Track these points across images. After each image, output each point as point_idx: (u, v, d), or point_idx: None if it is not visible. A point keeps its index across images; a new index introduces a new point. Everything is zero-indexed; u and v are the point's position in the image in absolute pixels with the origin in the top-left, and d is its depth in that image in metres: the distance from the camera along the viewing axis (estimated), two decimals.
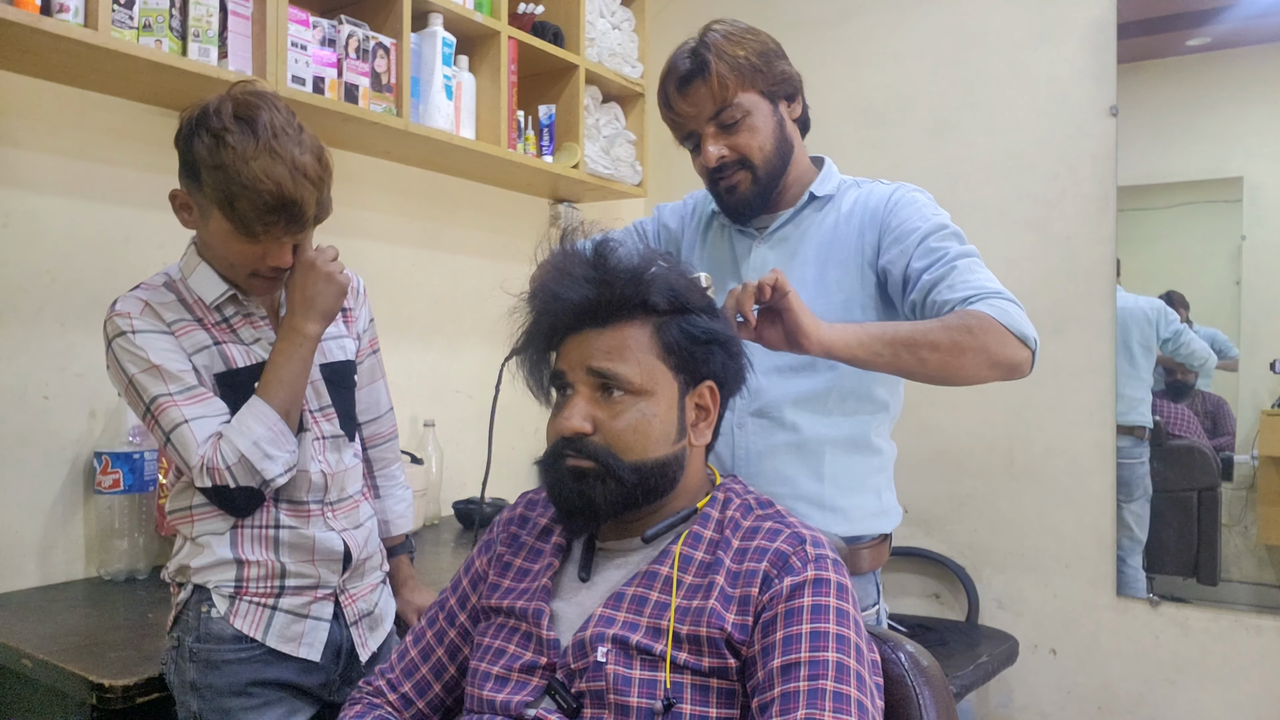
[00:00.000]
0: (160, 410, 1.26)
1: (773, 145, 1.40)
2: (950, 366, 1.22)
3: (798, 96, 1.45)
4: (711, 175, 1.42)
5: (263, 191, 1.17)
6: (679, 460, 1.04)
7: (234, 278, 1.31)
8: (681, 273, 1.08)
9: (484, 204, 2.69)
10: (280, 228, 1.21)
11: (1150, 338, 2.38)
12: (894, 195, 1.42)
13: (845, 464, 1.41)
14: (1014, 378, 1.27)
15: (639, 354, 1.02)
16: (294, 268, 1.32)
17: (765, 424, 1.41)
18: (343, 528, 1.39)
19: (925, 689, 1.03)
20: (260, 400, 1.28)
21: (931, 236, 1.34)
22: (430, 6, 2.16)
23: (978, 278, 1.28)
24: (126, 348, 1.26)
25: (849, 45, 2.75)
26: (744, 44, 1.38)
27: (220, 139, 1.18)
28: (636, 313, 1.03)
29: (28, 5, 1.45)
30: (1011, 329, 1.22)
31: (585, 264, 1.05)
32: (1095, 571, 2.42)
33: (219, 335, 1.32)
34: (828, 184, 1.46)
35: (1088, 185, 2.42)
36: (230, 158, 1.17)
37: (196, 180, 1.22)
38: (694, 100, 1.39)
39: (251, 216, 1.19)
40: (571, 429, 1.01)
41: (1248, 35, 2.29)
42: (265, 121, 1.19)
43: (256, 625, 1.30)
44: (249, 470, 1.25)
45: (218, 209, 1.21)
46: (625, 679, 0.95)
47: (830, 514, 1.40)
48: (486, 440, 1.20)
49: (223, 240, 1.25)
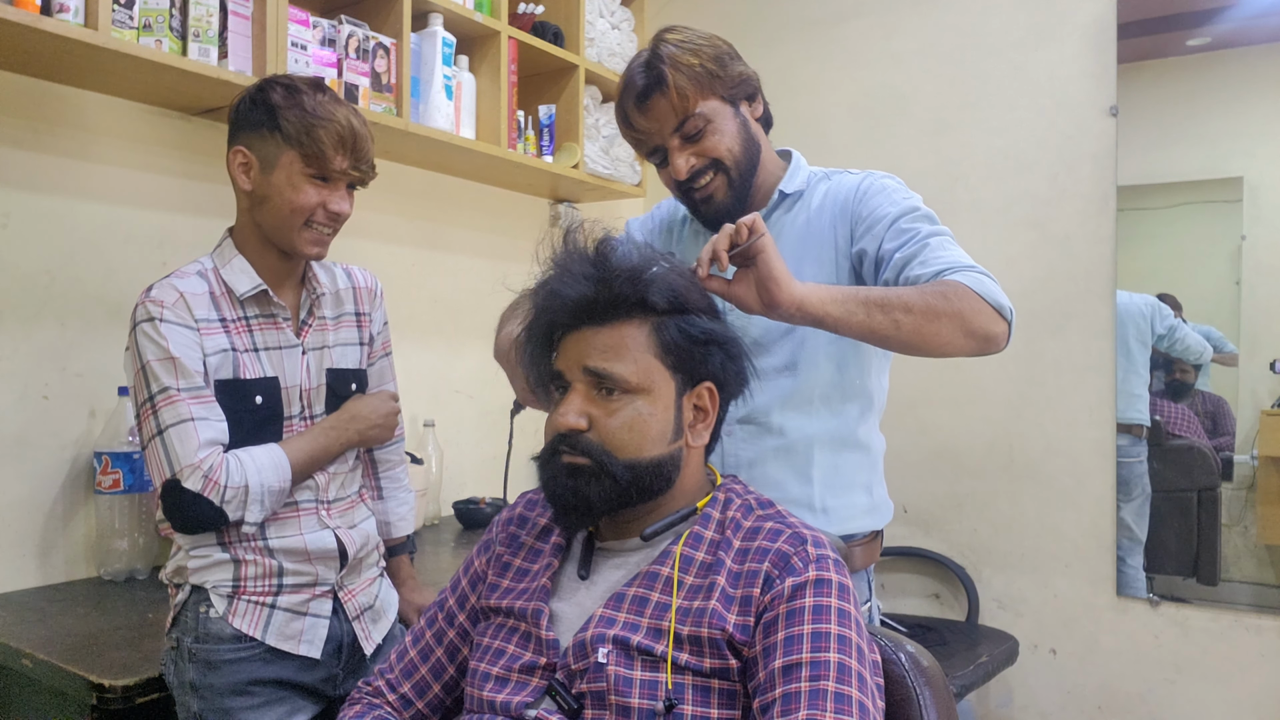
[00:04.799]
0: (167, 402, 1.25)
1: (740, 146, 1.38)
2: (924, 331, 1.19)
3: (757, 95, 1.43)
4: (683, 188, 1.40)
5: (338, 123, 1.32)
6: (675, 460, 1.04)
7: (287, 231, 1.34)
8: (681, 272, 1.08)
9: (484, 204, 2.69)
10: (349, 163, 1.34)
11: (1146, 333, 2.39)
12: (862, 184, 1.40)
13: (834, 463, 1.41)
14: (990, 350, 1.24)
15: (636, 353, 1.02)
16: (380, 396, 1.48)
17: (753, 430, 1.40)
18: (337, 525, 1.40)
19: (925, 689, 1.03)
20: (284, 455, 1.31)
21: (903, 219, 1.33)
22: (430, 6, 2.16)
23: (950, 254, 1.27)
24: (150, 334, 1.26)
25: (849, 45, 2.75)
26: (698, 51, 1.35)
27: (294, 88, 1.33)
28: (635, 311, 1.03)
29: (28, 5, 1.45)
30: (987, 298, 1.20)
31: (585, 262, 1.05)
32: (1095, 571, 2.42)
33: (238, 341, 1.33)
34: (796, 179, 1.44)
35: (1087, 185, 2.42)
36: (307, 101, 1.32)
37: (270, 125, 1.31)
38: (655, 115, 1.36)
39: (328, 146, 1.31)
40: (567, 425, 1.01)
41: (1248, 35, 2.29)
42: (321, 86, 1.36)
43: (256, 624, 1.31)
44: (239, 502, 1.26)
45: (293, 147, 1.30)
46: (626, 680, 0.95)
47: (821, 515, 1.39)
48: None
49: (290, 183, 1.32)
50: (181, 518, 1.27)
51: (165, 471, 1.25)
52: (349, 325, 1.47)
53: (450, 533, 2.37)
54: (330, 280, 1.47)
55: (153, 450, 1.26)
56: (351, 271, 1.52)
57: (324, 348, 1.42)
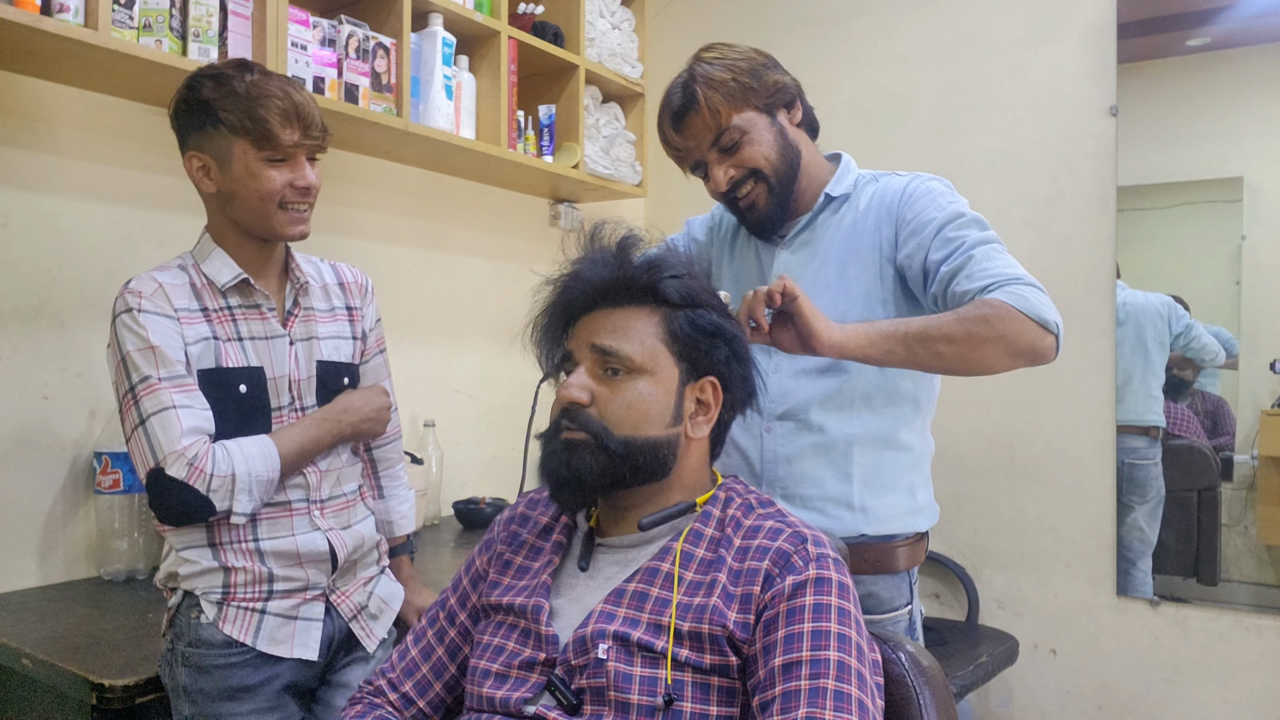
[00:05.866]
0: (148, 391, 1.24)
1: (777, 153, 1.41)
2: (969, 359, 1.21)
3: (796, 102, 1.46)
4: (727, 198, 1.45)
5: (276, 99, 1.28)
6: (671, 445, 1.05)
7: (264, 219, 1.33)
8: (697, 276, 1.10)
9: (484, 204, 2.69)
10: (300, 134, 1.31)
11: (1164, 333, 2.38)
12: (908, 187, 1.41)
13: (874, 463, 1.41)
14: (1039, 363, 1.27)
15: (643, 335, 1.05)
16: (373, 390, 1.47)
17: (792, 426, 1.41)
18: (329, 527, 1.39)
19: (925, 689, 1.03)
20: (274, 445, 1.30)
21: (948, 226, 1.33)
22: (430, 6, 2.16)
23: (996, 265, 1.27)
24: (130, 324, 1.26)
25: (849, 45, 2.75)
26: (731, 66, 1.40)
27: (222, 76, 1.30)
28: (647, 299, 1.07)
29: (28, 5, 1.45)
30: (1031, 315, 1.22)
31: (608, 252, 1.10)
32: (1095, 571, 2.42)
33: (220, 330, 1.32)
34: (843, 182, 1.47)
35: (1087, 185, 2.42)
36: (238, 84, 1.28)
37: (211, 122, 1.29)
38: (691, 133, 1.42)
39: (274, 124, 1.27)
40: (569, 398, 1.04)
41: (1248, 35, 2.29)
42: (248, 65, 1.33)
43: (246, 630, 1.30)
44: (226, 491, 1.24)
45: (241, 136, 1.28)
46: (626, 676, 0.95)
47: (860, 514, 1.39)
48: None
49: (249, 173, 1.30)
50: (167, 507, 1.24)
51: (149, 461, 1.23)
52: (340, 319, 1.47)
53: (450, 533, 2.37)
54: (316, 273, 1.47)
55: (136, 441, 1.24)
56: (339, 268, 1.51)
57: (312, 339, 1.41)
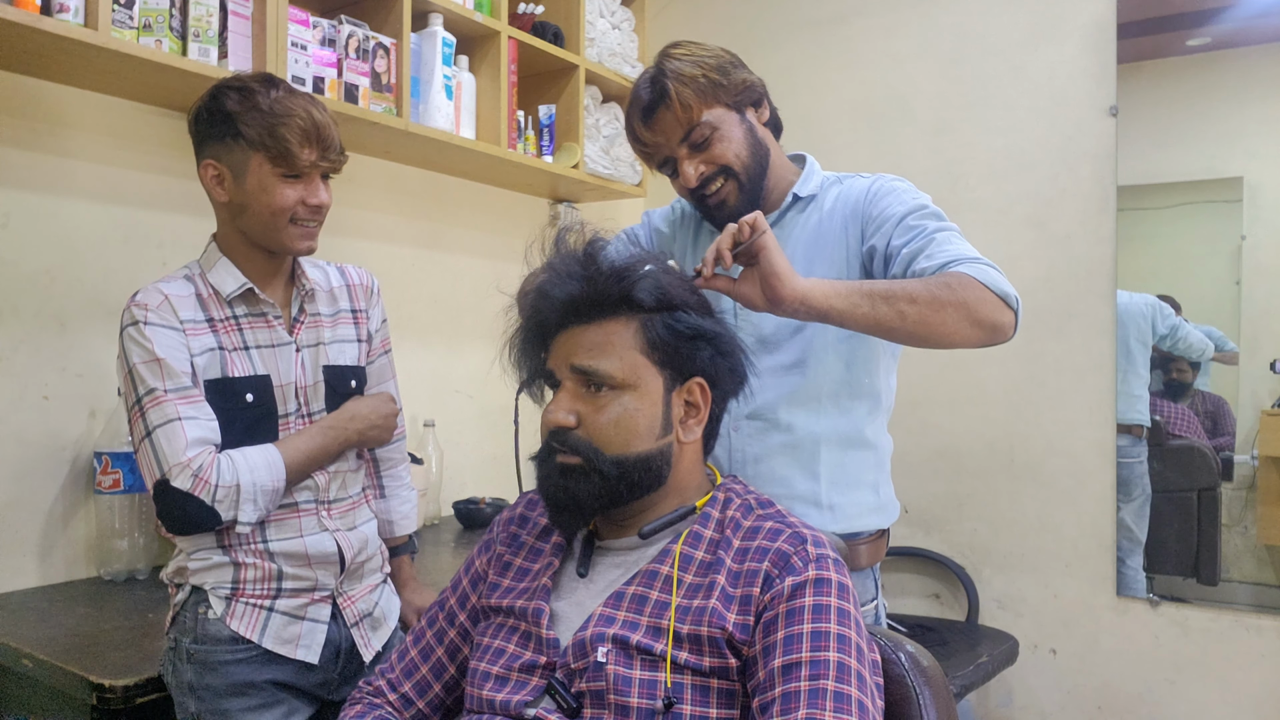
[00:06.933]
0: (154, 403, 1.25)
1: (748, 151, 1.41)
2: (930, 322, 1.19)
3: (763, 101, 1.46)
4: (696, 195, 1.43)
5: (299, 117, 1.29)
6: (664, 455, 1.05)
7: (274, 233, 1.33)
8: (669, 269, 1.09)
9: (484, 204, 2.69)
10: (317, 154, 1.32)
11: (1146, 334, 2.39)
12: (873, 186, 1.42)
13: (840, 461, 1.42)
14: (997, 340, 1.25)
15: (622, 350, 1.03)
16: (381, 397, 1.47)
17: (760, 426, 1.41)
18: (336, 528, 1.39)
19: (925, 689, 1.03)
20: (279, 454, 1.30)
21: (910, 216, 1.34)
22: (430, 6, 2.16)
23: (956, 247, 1.28)
24: (136, 337, 1.27)
25: (849, 45, 2.75)
26: (700, 63, 1.39)
27: (247, 90, 1.31)
28: (621, 309, 1.04)
29: (28, 5, 1.45)
30: (992, 288, 1.21)
31: (574, 262, 1.06)
32: (1095, 571, 2.42)
33: (226, 339, 1.33)
34: (810, 183, 1.47)
35: (1087, 185, 2.42)
36: (262, 100, 1.30)
37: (231, 133, 1.30)
38: (661, 129, 1.40)
39: (293, 143, 1.29)
40: (555, 422, 1.03)
41: (1248, 35, 2.29)
42: (274, 81, 1.34)
43: (253, 627, 1.30)
44: (231, 502, 1.25)
45: (259, 150, 1.29)
46: (625, 679, 0.95)
47: (827, 512, 1.40)
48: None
49: (263, 188, 1.31)
50: (173, 518, 1.25)
51: (155, 472, 1.24)
52: (346, 322, 1.47)
53: (450, 533, 2.37)
54: (323, 278, 1.47)
55: (143, 452, 1.26)
56: (345, 269, 1.52)
57: (319, 344, 1.42)
